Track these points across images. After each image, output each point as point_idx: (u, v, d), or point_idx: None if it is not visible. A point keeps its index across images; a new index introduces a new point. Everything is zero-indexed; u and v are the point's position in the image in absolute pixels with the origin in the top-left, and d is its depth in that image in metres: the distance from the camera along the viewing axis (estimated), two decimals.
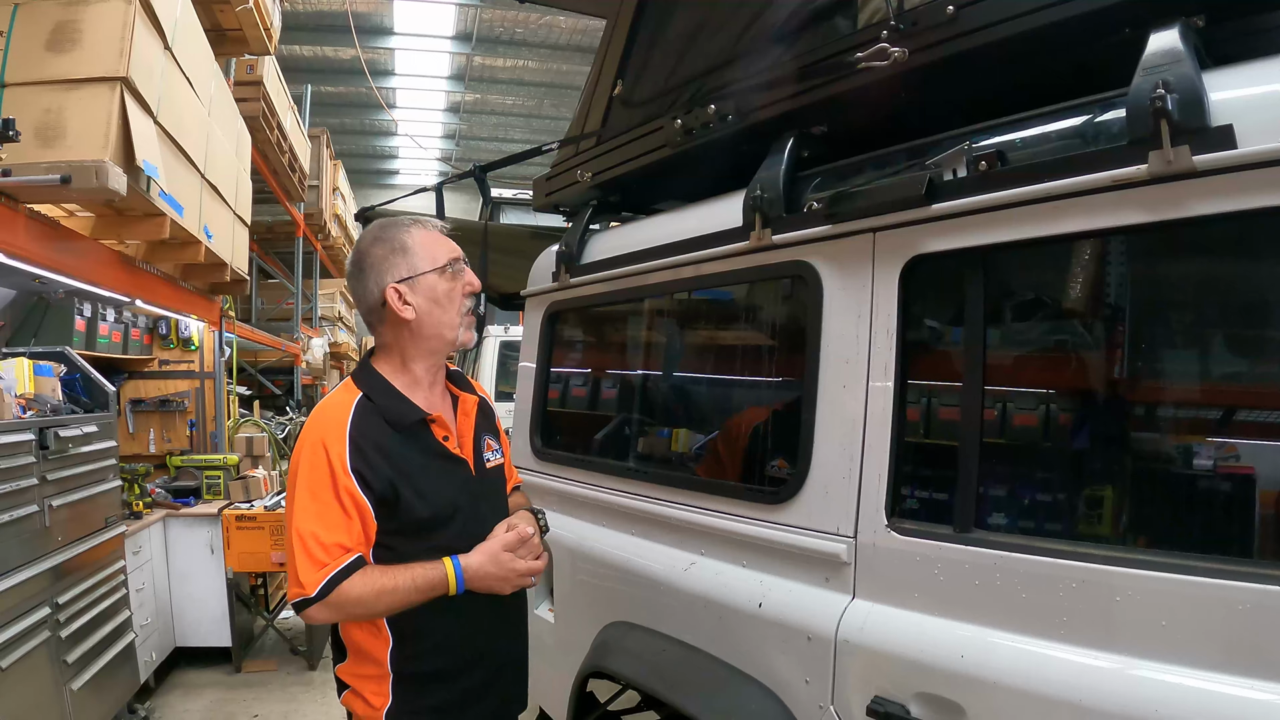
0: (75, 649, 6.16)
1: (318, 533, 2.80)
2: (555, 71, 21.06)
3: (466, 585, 2.91)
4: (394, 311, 3.00)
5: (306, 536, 2.80)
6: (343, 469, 2.84)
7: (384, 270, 3.02)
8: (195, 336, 10.70)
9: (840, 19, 3.24)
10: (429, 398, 3.12)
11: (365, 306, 3.09)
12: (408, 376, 3.09)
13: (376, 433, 2.93)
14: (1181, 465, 2.50)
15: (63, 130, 5.87)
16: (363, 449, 2.88)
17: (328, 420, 2.94)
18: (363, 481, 2.85)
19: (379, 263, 3.03)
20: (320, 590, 2.76)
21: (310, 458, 2.87)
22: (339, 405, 2.97)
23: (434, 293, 3.04)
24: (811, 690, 2.89)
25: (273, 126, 12.47)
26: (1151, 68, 2.22)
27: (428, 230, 3.12)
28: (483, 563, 2.95)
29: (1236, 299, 2.50)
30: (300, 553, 2.79)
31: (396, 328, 3.05)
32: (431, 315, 3.04)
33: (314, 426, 2.96)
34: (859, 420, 2.91)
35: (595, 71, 4.69)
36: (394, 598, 2.84)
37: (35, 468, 5.75)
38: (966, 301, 2.69)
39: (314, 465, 2.86)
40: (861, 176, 3.11)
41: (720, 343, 4.21)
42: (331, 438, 2.87)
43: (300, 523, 2.82)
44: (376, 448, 2.90)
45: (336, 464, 2.83)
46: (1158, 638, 2.16)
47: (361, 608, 2.85)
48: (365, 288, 3.05)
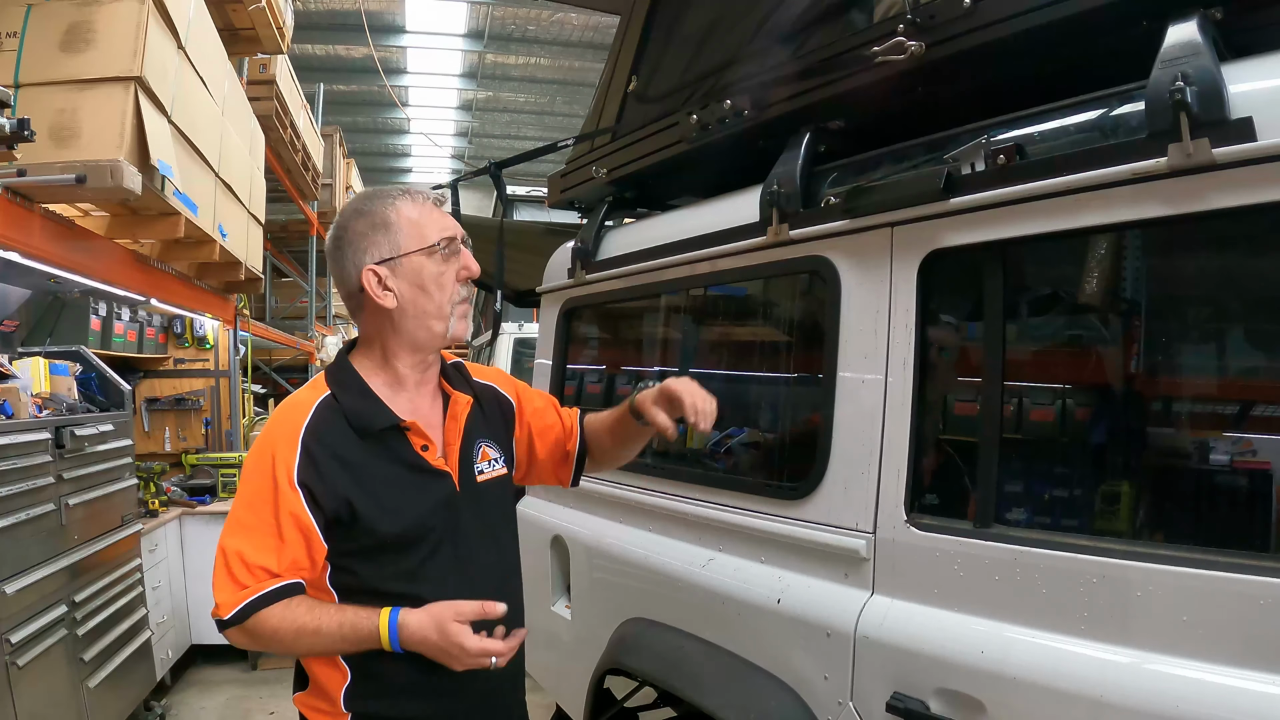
0: (92, 647, 6.19)
1: (243, 551, 2.47)
2: (567, 69, 21.06)
3: (403, 645, 2.49)
4: (372, 298, 2.62)
5: (230, 553, 2.48)
6: (288, 481, 2.48)
7: (362, 248, 2.63)
8: (210, 335, 10.73)
9: (856, 13, 3.23)
10: (414, 400, 2.75)
11: (344, 290, 2.72)
12: (388, 374, 2.72)
13: (336, 439, 2.57)
14: (1200, 460, 2.49)
15: (77, 130, 5.89)
16: (316, 458, 2.52)
17: (281, 424, 2.59)
18: (310, 498, 2.50)
19: (357, 239, 2.64)
20: (235, 614, 2.44)
21: (256, 465, 2.55)
22: (297, 405, 2.62)
23: (419, 277, 2.64)
24: (830, 686, 2.88)
25: (286, 125, 12.50)
26: (1170, 60, 2.20)
27: (417, 202, 2.71)
28: (423, 625, 2.48)
29: (1257, 293, 2.48)
30: (222, 570, 2.49)
31: (377, 317, 2.68)
32: (416, 303, 2.65)
33: (268, 430, 2.62)
34: (878, 415, 2.90)
35: (610, 67, 4.69)
36: (315, 640, 2.50)
37: (51, 466, 5.78)
38: (985, 296, 2.68)
39: (257, 475, 2.53)
40: (879, 171, 3.10)
41: (737, 338, 4.20)
42: (281, 445, 2.53)
43: (229, 538, 2.51)
44: (334, 457, 2.54)
45: (281, 475, 2.49)
46: (1178, 633, 2.14)
47: (278, 644, 2.51)
48: (343, 269, 2.67)
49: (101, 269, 7.19)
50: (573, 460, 3.18)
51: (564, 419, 3.18)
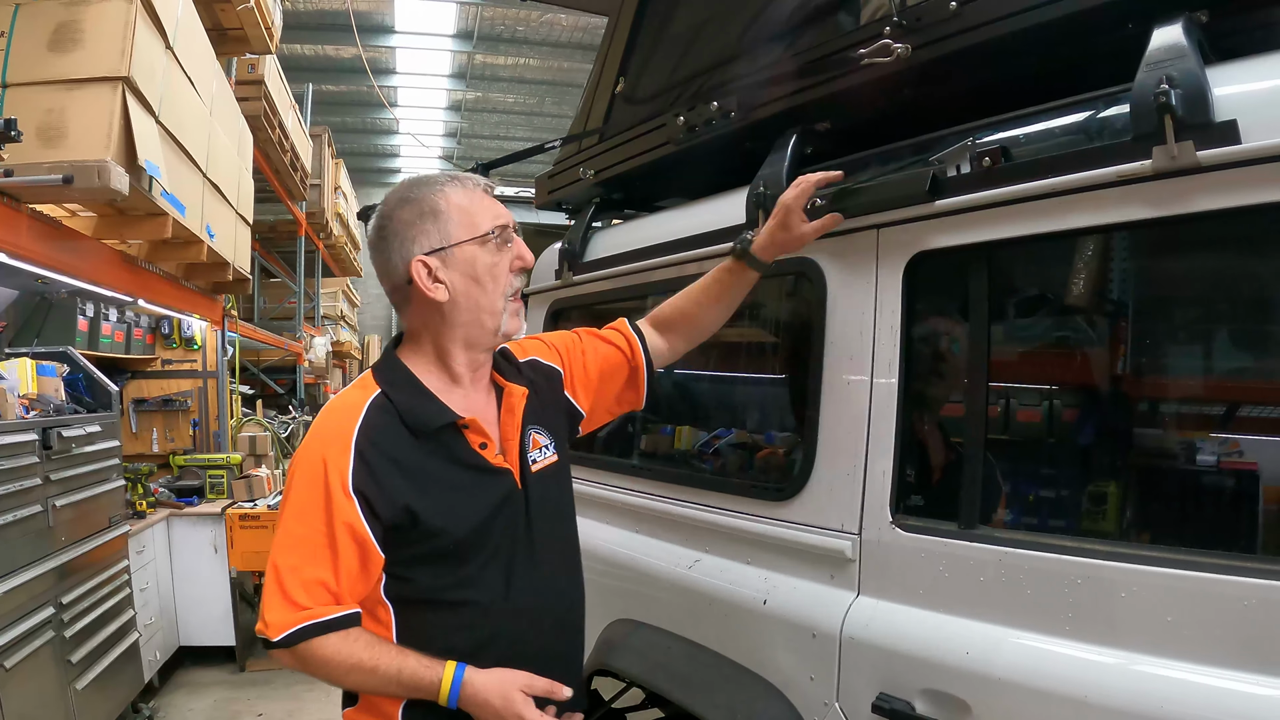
0: (79, 649, 6.19)
1: (298, 566, 2.33)
2: (557, 69, 21.06)
3: (460, 704, 2.36)
4: (422, 291, 2.46)
5: (284, 569, 2.33)
6: (342, 490, 2.33)
7: (410, 239, 2.47)
8: (198, 336, 10.72)
9: (843, 15, 3.24)
10: (468, 397, 2.59)
11: (389, 283, 2.55)
12: (442, 372, 2.57)
13: (391, 442, 2.41)
14: (1186, 461, 2.50)
15: (65, 130, 5.87)
16: (371, 464, 2.36)
17: (331, 427, 2.42)
18: (367, 507, 2.35)
19: (404, 229, 2.48)
20: (286, 637, 2.29)
21: (306, 473, 2.38)
22: (347, 407, 2.45)
23: (473, 268, 2.49)
24: (816, 687, 2.89)
25: (274, 125, 12.49)
26: (1155, 63, 2.21)
27: (466, 188, 2.54)
28: (488, 689, 2.36)
29: (1241, 294, 2.51)
30: (273, 587, 2.33)
31: (426, 311, 2.52)
32: (469, 296, 2.50)
33: (315, 433, 2.45)
34: (863, 417, 2.90)
35: (597, 68, 4.70)
36: (367, 679, 2.36)
37: (39, 468, 5.77)
38: (970, 298, 2.69)
39: (308, 484, 2.36)
40: (865, 173, 3.10)
41: (724, 340, 4.21)
42: (333, 449, 2.36)
43: (281, 552, 2.36)
44: (390, 461, 2.39)
45: (335, 484, 2.33)
46: (1163, 634, 2.15)
47: (326, 673, 2.36)
48: (388, 260, 2.51)
49: (89, 269, 7.17)
50: (642, 373, 3.05)
51: (614, 338, 3.06)
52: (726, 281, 3.02)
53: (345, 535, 2.33)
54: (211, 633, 8.75)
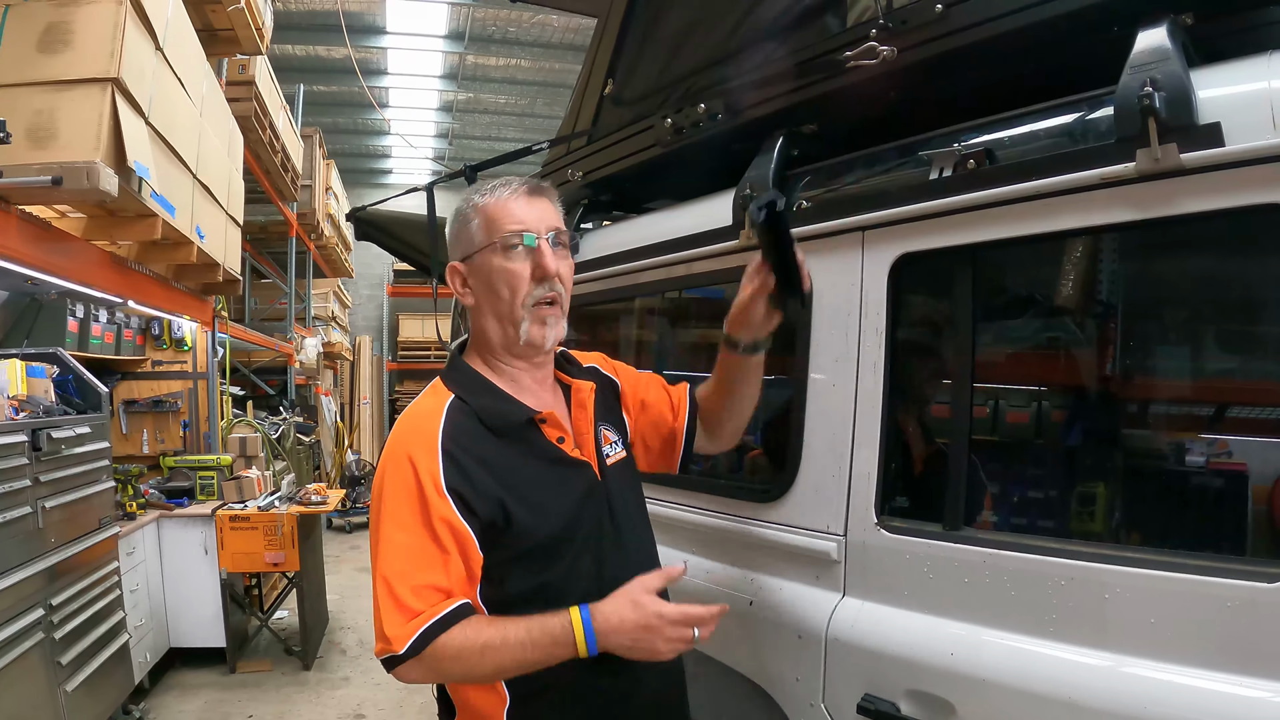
0: (69, 650, 6.18)
1: (407, 573, 2.29)
2: (548, 70, 21.01)
3: (600, 641, 2.29)
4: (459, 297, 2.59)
5: (394, 579, 2.29)
6: (436, 490, 2.31)
7: (451, 245, 2.58)
8: (188, 337, 10.71)
9: (829, 17, 3.24)
10: (535, 394, 2.60)
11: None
12: (501, 375, 2.58)
13: (475, 441, 2.41)
14: (1172, 462, 2.52)
15: (54, 131, 5.87)
16: (460, 463, 2.35)
17: (414, 431, 2.41)
18: (463, 504, 2.33)
19: (451, 238, 2.59)
20: (412, 645, 2.24)
21: (396, 479, 2.36)
22: (427, 412, 2.46)
23: (489, 275, 2.49)
24: (802, 688, 2.89)
25: (265, 126, 12.47)
26: (1139, 66, 2.21)
27: (497, 194, 2.53)
28: (618, 606, 2.32)
29: (1225, 296, 2.52)
30: (386, 600, 2.28)
31: (474, 317, 2.60)
32: (488, 303, 2.52)
33: (397, 440, 2.43)
34: (848, 418, 2.91)
35: (586, 70, 4.70)
36: (502, 655, 2.28)
37: (28, 469, 5.77)
38: (955, 299, 2.69)
39: (400, 488, 2.34)
40: (851, 175, 3.11)
41: (712, 341, 4.21)
42: (420, 451, 2.35)
43: (386, 563, 2.32)
44: (478, 460, 2.38)
45: (429, 484, 2.31)
46: (1147, 635, 2.16)
47: (461, 667, 2.31)
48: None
49: (78, 271, 7.16)
50: (679, 439, 2.99)
51: (671, 393, 3.03)
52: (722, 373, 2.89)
53: (447, 533, 2.32)
54: (202, 634, 8.73)
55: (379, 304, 27.86)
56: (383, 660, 2.31)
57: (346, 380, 24.87)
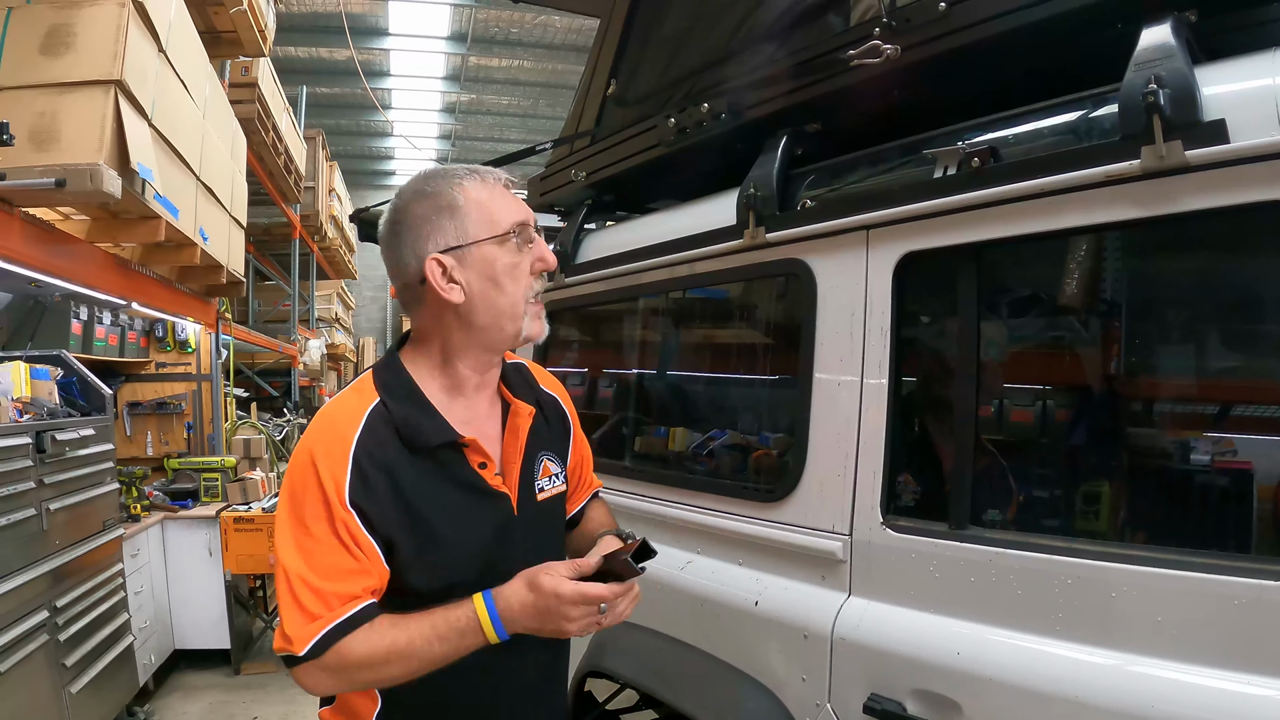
0: (74, 652, 6.18)
1: (307, 574, 2.16)
2: (551, 71, 21.05)
3: (507, 627, 2.19)
4: (436, 291, 2.29)
5: (295, 578, 2.17)
6: (339, 499, 2.18)
7: (425, 235, 2.30)
8: (192, 339, 10.70)
9: (833, 16, 3.24)
10: (470, 407, 2.44)
11: (400, 281, 2.39)
12: (446, 377, 2.41)
13: (389, 455, 2.25)
14: (1177, 461, 2.51)
15: (57, 134, 5.86)
16: (368, 477, 2.21)
17: (328, 433, 2.26)
18: (365, 520, 2.20)
19: (419, 224, 2.32)
20: (313, 648, 2.13)
21: (300, 479, 2.23)
22: (346, 412, 2.30)
23: (491, 268, 2.32)
24: (808, 688, 2.89)
25: (268, 128, 12.46)
26: (1144, 63, 2.21)
27: (486, 183, 2.38)
28: (517, 589, 2.20)
29: (1231, 294, 2.50)
30: (287, 597, 2.17)
31: (439, 312, 2.35)
32: (486, 298, 2.32)
33: (312, 438, 2.28)
34: (854, 418, 2.90)
35: (589, 71, 4.70)
36: (409, 659, 2.17)
37: (32, 471, 5.77)
38: (960, 298, 2.69)
39: (304, 489, 2.21)
40: (855, 174, 3.11)
41: (716, 341, 4.21)
42: (329, 456, 2.21)
43: (289, 559, 2.19)
44: (387, 474, 2.24)
45: (332, 492, 2.18)
46: (1153, 634, 2.15)
47: (369, 673, 2.20)
48: (400, 256, 2.35)
49: (82, 273, 7.16)
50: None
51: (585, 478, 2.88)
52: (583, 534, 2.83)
53: (351, 542, 2.18)
54: (206, 636, 8.73)
55: (382, 305, 27.92)
56: (282, 658, 2.19)
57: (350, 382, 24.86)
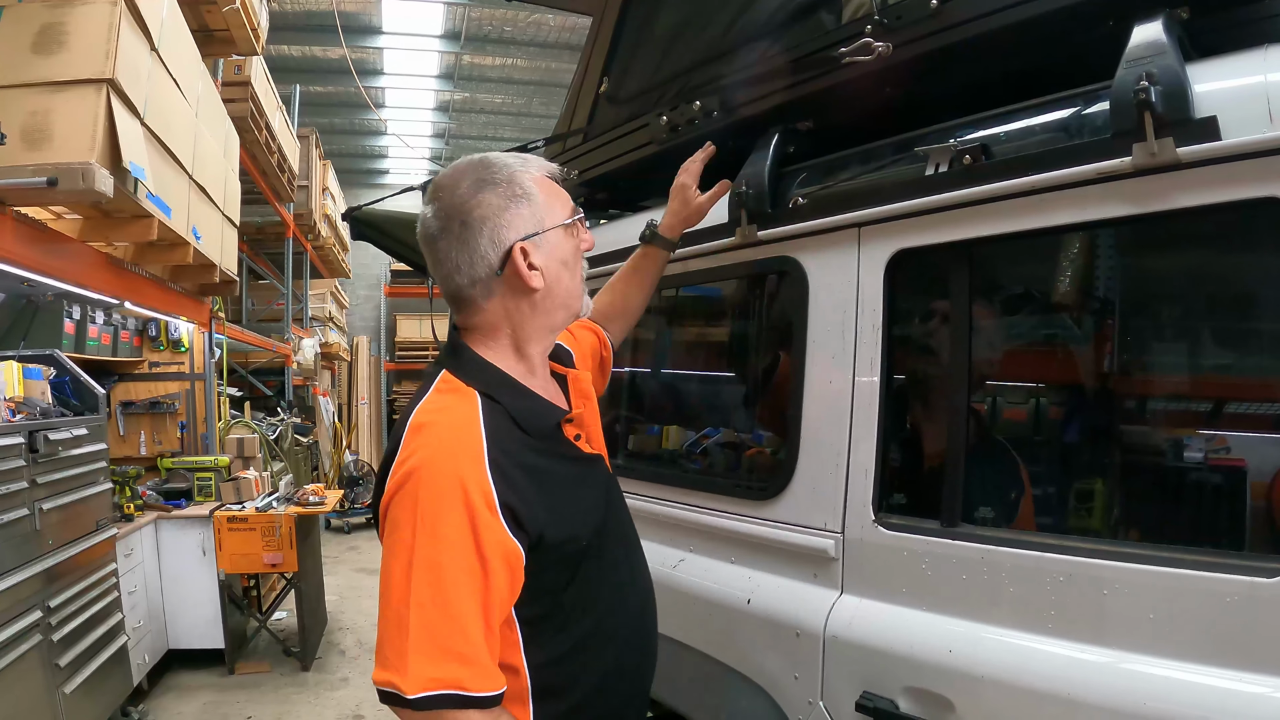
0: (68, 652, 6.18)
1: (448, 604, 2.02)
2: (544, 70, 20.99)
3: None
4: (519, 278, 2.28)
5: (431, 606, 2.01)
6: (488, 509, 2.07)
7: (504, 223, 2.26)
8: (185, 338, 10.70)
9: (824, 14, 3.23)
10: (545, 387, 2.44)
11: (467, 275, 2.30)
12: (522, 364, 2.38)
13: (515, 446, 2.20)
14: (1170, 458, 2.51)
15: (49, 132, 5.86)
16: (508, 474, 2.13)
17: (456, 442, 2.14)
18: (514, 523, 2.11)
19: (495, 214, 2.26)
20: (423, 700, 1.98)
21: (443, 499, 2.06)
22: (458, 415, 2.20)
23: (563, 253, 2.36)
24: (800, 686, 2.89)
25: (261, 127, 12.45)
26: (1135, 60, 2.21)
27: (542, 173, 2.39)
28: None
29: (1223, 291, 2.51)
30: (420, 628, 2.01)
31: (513, 301, 2.33)
32: (560, 282, 2.36)
33: (439, 453, 2.12)
34: (845, 415, 2.91)
35: (581, 69, 4.69)
36: None
37: (25, 471, 5.77)
38: (952, 295, 2.69)
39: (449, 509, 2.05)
40: (847, 171, 3.11)
41: (708, 339, 4.21)
42: (468, 466, 2.09)
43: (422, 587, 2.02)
44: (520, 467, 2.17)
45: (479, 504, 2.06)
46: (1146, 631, 2.16)
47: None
48: (473, 248, 2.27)
49: (75, 272, 7.16)
50: (608, 366, 3.13)
51: (590, 330, 3.09)
52: (643, 267, 3.28)
53: (499, 562, 2.08)
54: (200, 636, 8.74)
55: (376, 304, 27.82)
56: (382, 690, 2.03)
57: (344, 381, 24.87)
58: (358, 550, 15.73)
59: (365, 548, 15.91)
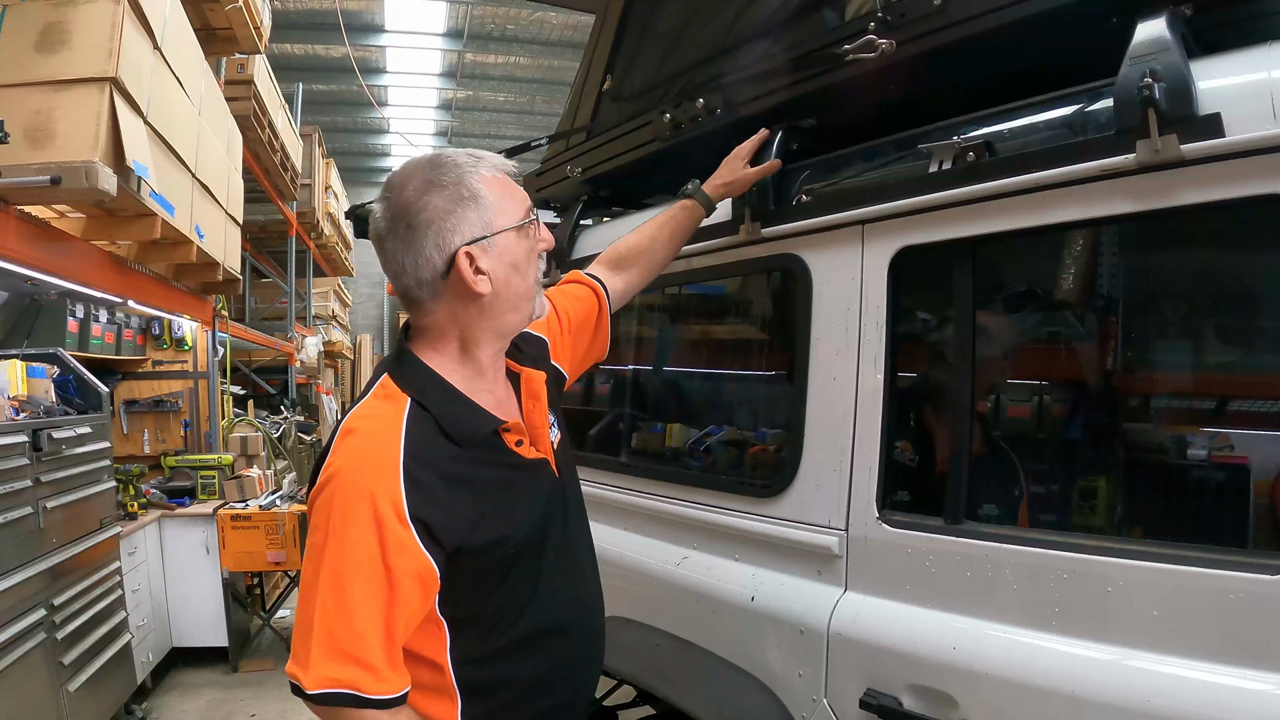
0: (72, 650, 6.19)
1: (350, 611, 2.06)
2: (547, 67, 21.03)
3: None
4: (464, 283, 2.24)
5: (333, 612, 2.06)
6: (398, 520, 2.07)
7: (449, 227, 2.22)
8: (188, 337, 10.69)
9: (828, 11, 3.23)
10: (493, 391, 2.41)
11: (413, 277, 2.28)
12: (469, 367, 2.36)
13: (439, 456, 2.19)
14: (1173, 455, 2.51)
15: (52, 131, 5.85)
16: (424, 486, 2.12)
17: (370, 451, 2.16)
18: (427, 534, 2.11)
19: (441, 217, 2.22)
20: (322, 695, 2.04)
21: (348, 507, 2.09)
22: (383, 425, 2.20)
23: (513, 256, 2.31)
24: (805, 683, 2.89)
25: (264, 125, 12.45)
26: (1139, 57, 2.21)
27: (496, 170, 2.32)
28: None
29: (1227, 287, 2.51)
30: (322, 630, 2.06)
31: (460, 304, 2.30)
32: (510, 286, 2.31)
33: (351, 459, 2.15)
34: (849, 412, 2.91)
35: (584, 67, 4.69)
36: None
37: (29, 469, 5.77)
38: (956, 292, 2.69)
39: (354, 519, 2.08)
40: (850, 169, 3.11)
41: (712, 336, 4.21)
42: (379, 478, 2.10)
43: (327, 593, 2.07)
44: (441, 479, 2.16)
45: (388, 514, 2.07)
46: (1150, 628, 2.16)
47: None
48: (418, 251, 2.24)
49: (78, 271, 7.16)
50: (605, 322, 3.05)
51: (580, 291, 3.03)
52: (680, 219, 3.24)
53: (405, 573, 2.09)
54: (204, 634, 8.73)
55: (379, 302, 27.91)
56: (290, 681, 2.11)
57: (347, 379, 24.90)
58: None
59: None
